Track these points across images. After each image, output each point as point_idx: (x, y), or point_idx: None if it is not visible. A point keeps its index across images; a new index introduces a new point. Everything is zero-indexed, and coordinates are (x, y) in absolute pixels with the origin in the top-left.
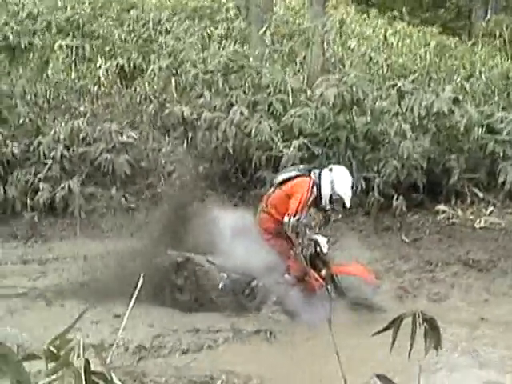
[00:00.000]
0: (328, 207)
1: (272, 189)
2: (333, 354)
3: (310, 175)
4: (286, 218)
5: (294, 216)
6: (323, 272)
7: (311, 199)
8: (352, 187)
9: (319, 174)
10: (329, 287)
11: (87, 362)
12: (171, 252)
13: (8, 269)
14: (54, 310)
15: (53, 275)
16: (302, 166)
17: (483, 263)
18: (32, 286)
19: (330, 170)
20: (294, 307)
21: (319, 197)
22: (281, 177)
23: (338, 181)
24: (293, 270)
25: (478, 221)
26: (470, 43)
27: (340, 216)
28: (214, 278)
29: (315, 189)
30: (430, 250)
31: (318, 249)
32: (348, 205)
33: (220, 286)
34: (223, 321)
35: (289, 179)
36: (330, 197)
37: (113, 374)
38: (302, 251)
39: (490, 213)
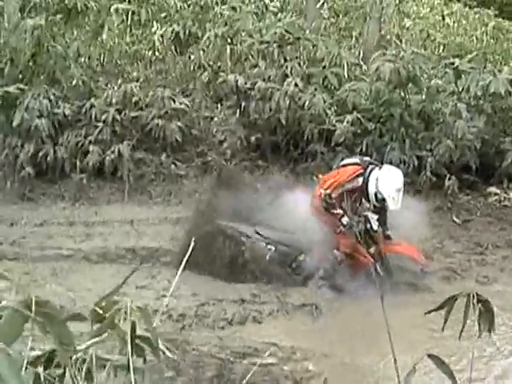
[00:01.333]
0: (375, 204)
1: (334, 168)
2: (380, 331)
3: (365, 168)
4: (321, 190)
5: (326, 189)
6: (372, 249)
7: (351, 186)
8: (399, 190)
9: (371, 170)
10: (377, 265)
11: (133, 325)
12: (220, 222)
13: (54, 230)
14: (98, 272)
15: (98, 238)
16: (366, 158)
17: None
18: (77, 248)
19: (380, 168)
20: (341, 283)
21: (366, 192)
22: (343, 162)
23: (382, 179)
24: (342, 246)
25: None
26: None
27: None
28: (262, 249)
29: (361, 180)
30: (480, 232)
31: (368, 225)
32: (391, 207)
33: (267, 258)
34: (269, 293)
35: (348, 164)
36: (376, 195)
37: (159, 340)
38: (350, 226)
39: None
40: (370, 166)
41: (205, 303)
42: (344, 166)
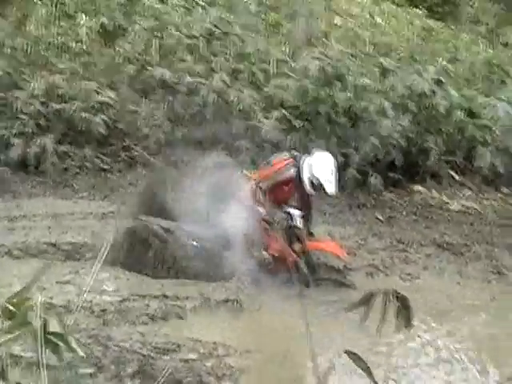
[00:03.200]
0: (312, 192)
1: (265, 165)
2: (301, 327)
3: (295, 159)
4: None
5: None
6: (296, 246)
7: (283, 177)
8: (333, 173)
9: (302, 159)
10: (301, 262)
11: (45, 321)
12: (143, 217)
13: None
14: (20, 267)
15: (20, 233)
16: (295, 152)
17: (457, 247)
18: None
19: (311, 154)
20: (263, 280)
21: (301, 181)
22: (272, 157)
23: (316, 165)
24: (272, 249)
25: (453, 203)
26: (455, 28)
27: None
28: (186, 245)
29: (293, 170)
30: (404, 229)
31: (292, 222)
32: (329, 191)
33: (191, 254)
34: (192, 289)
35: (279, 161)
36: (311, 182)
37: (71, 337)
38: (277, 224)
39: (466, 196)
40: (301, 156)
41: (127, 299)
42: (276, 162)
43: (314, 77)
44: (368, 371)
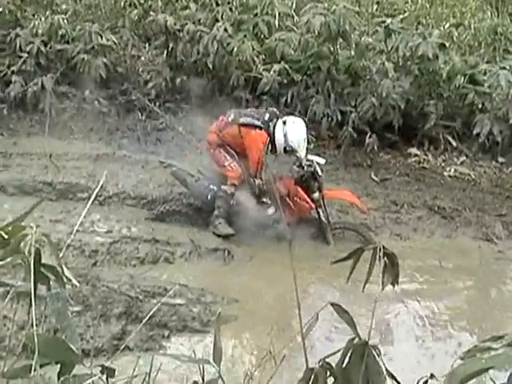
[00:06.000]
0: (283, 155)
1: (231, 121)
2: (290, 279)
3: (267, 129)
4: (251, 180)
5: (256, 176)
6: (315, 195)
7: (266, 152)
8: (306, 139)
9: (274, 126)
10: (320, 211)
11: (38, 251)
12: (163, 160)
13: None
14: (13, 204)
15: (16, 170)
16: (266, 116)
17: (448, 211)
18: None
19: (284, 122)
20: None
21: (274, 147)
22: (243, 120)
23: (291, 133)
24: (230, 179)
25: (448, 169)
26: None
27: (312, 146)
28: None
29: (269, 141)
30: (397, 191)
31: (314, 169)
32: (302, 155)
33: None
34: (183, 235)
35: (249, 125)
36: (284, 148)
37: (65, 268)
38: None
39: (462, 163)
40: (271, 123)
41: (118, 241)
42: (246, 125)
43: (316, 32)
44: (352, 323)
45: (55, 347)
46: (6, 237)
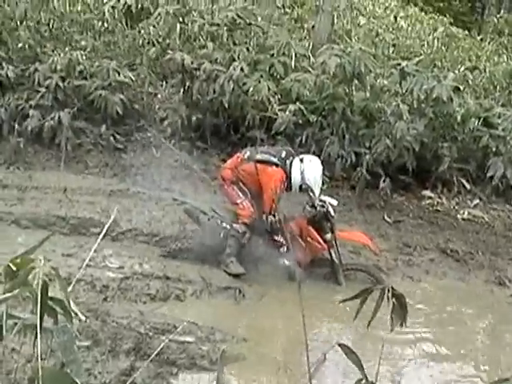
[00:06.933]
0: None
1: (247, 157)
2: (300, 319)
3: (284, 166)
4: (264, 217)
5: (270, 213)
6: (328, 236)
7: (282, 191)
8: (322, 177)
9: (290, 164)
10: (332, 251)
11: (45, 284)
12: (177, 197)
13: None
14: (26, 237)
15: (30, 203)
16: (283, 154)
17: (461, 254)
18: (8, 211)
19: (301, 160)
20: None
21: (289, 185)
22: (260, 156)
23: (308, 171)
24: (241, 217)
25: (461, 212)
26: (478, 38)
27: (325, 187)
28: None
29: (285, 179)
30: (410, 233)
31: (327, 210)
32: (317, 194)
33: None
34: (195, 272)
35: (266, 162)
36: (300, 186)
37: (72, 302)
38: (312, 210)
39: (475, 206)
40: (288, 161)
41: (129, 277)
42: (262, 162)
43: (331, 73)
44: (359, 364)
45: (60, 381)
46: (14, 269)
